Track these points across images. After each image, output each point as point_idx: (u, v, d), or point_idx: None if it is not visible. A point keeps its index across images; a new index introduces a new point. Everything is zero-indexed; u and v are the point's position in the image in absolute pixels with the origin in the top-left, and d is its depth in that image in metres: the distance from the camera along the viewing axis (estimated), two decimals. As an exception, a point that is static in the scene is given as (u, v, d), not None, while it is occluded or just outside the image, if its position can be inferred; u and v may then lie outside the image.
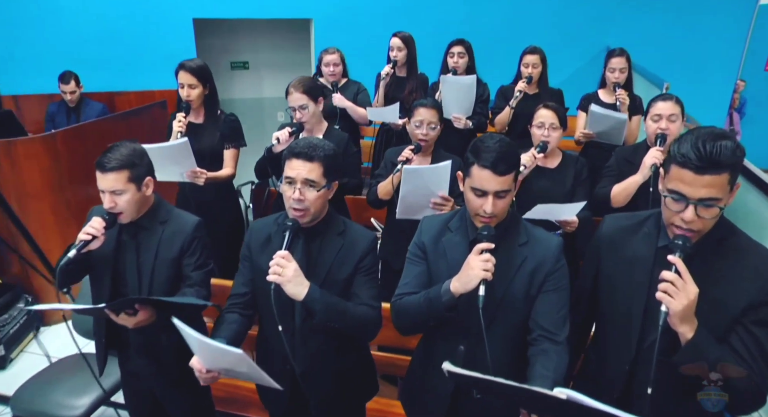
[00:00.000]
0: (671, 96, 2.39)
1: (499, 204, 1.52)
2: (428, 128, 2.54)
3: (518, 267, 1.57)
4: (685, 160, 1.27)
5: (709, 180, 1.25)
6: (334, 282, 1.74)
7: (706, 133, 1.28)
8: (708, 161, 1.24)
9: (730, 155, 1.25)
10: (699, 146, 1.25)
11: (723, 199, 1.28)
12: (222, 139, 2.85)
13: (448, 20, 5.35)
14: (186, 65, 2.73)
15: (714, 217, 1.30)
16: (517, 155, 1.54)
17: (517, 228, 1.62)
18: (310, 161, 1.65)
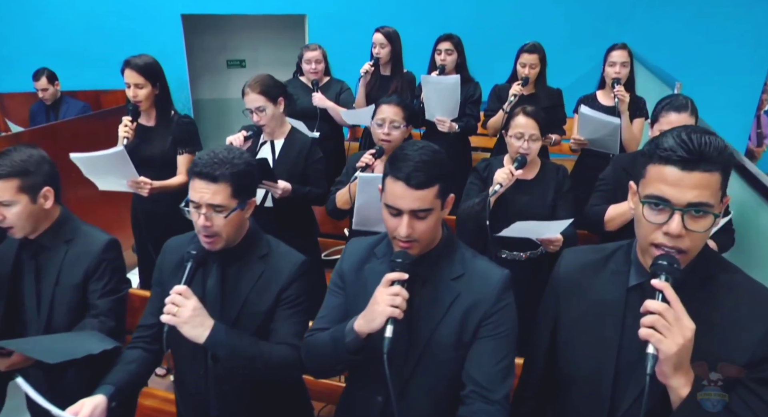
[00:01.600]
0: (686, 104, 2.03)
1: (419, 226, 1.23)
2: (391, 127, 2.26)
3: (449, 306, 1.28)
4: (669, 154, 0.99)
5: (699, 178, 0.98)
6: (252, 315, 1.48)
7: (691, 128, 1.03)
8: (698, 154, 0.98)
9: (721, 152, 0.99)
10: (685, 138, 0.99)
11: (715, 207, 1.00)
12: (174, 144, 2.62)
13: (450, 16, 5.05)
14: (131, 62, 2.51)
15: (706, 230, 1.01)
16: (443, 166, 1.25)
17: (450, 257, 1.33)
18: (214, 182, 1.40)
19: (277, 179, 2.34)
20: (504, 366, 1.26)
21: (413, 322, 1.29)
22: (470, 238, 2.24)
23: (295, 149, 2.47)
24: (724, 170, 1.01)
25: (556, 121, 3.16)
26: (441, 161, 1.25)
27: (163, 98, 2.62)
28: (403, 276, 1.21)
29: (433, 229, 1.26)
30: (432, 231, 1.26)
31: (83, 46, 4.69)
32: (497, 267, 1.35)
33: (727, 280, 1.10)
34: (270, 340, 1.48)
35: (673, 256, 1.03)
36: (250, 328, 1.48)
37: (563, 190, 2.25)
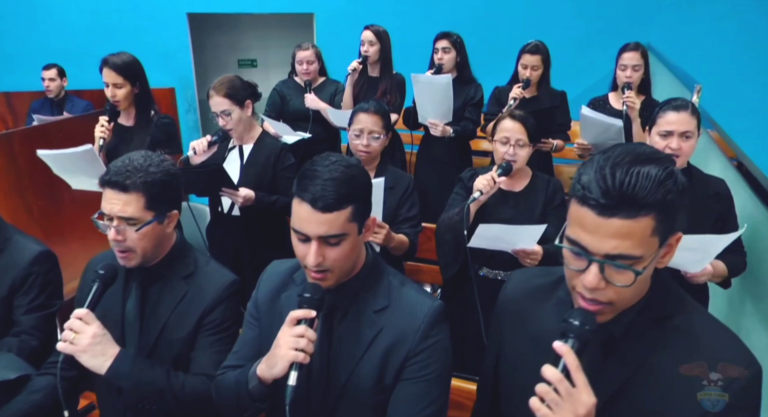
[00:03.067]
0: (686, 104, 1.81)
1: (331, 254, 1.07)
2: (370, 138, 2.08)
3: (369, 343, 1.12)
4: (584, 194, 0.82)
5: (619, 227, 0.80)
6: (171, 342, 1.34)
7: (623, 153, 0.83)
8: (618, 197, 0.79)
9: (654, 188, 0.80)
10: (606, 173, 0.80)
11: (644, 258, 0.83)
12: (153, 145, 2.51)
13: (461, 14, 4.83)
14: (109, 61, 2.42)
15: (631, 285, 0.83)
16: (359, 184, 1.08)
17: (375, 286, 1.16)
18: (124, 192, 1.27)
19: (238, 187, 2.21)
20: (430, 413, 1.09)
21: (332, 360, 1.13)
22: (449, 251, 2.06)
23: (264, 155, 2.34)
24: (662, 211, 0.81)
25: (559, 125, 2.93)
26: (355, 178, 1.08)
27: (143, 98, 2.53)
28: (310, 314, 1.05)
29: (347, 257, 1.09)
30: (346, 259, 1.09)
31: (88, 46, 4.67)
32: (429, 298, 1.17)
33: (685, 322, 0.91)
34: (190, 369, 1.33)
35: (588, 314, 0.87)
36: (168, 356, 1.34)
37: (554, 205, 2.04)
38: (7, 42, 4.57)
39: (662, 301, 0.93)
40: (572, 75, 4.47)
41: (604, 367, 0.92)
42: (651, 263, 0.83)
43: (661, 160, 0.82)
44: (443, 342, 1.13)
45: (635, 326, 0.91)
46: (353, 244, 1.09)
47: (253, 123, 2.39)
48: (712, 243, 1.64)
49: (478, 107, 3.07)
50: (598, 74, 4.87)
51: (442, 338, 1.13)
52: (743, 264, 1.87)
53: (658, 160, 0.82)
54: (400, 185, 2.11)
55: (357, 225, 1.09)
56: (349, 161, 1.11)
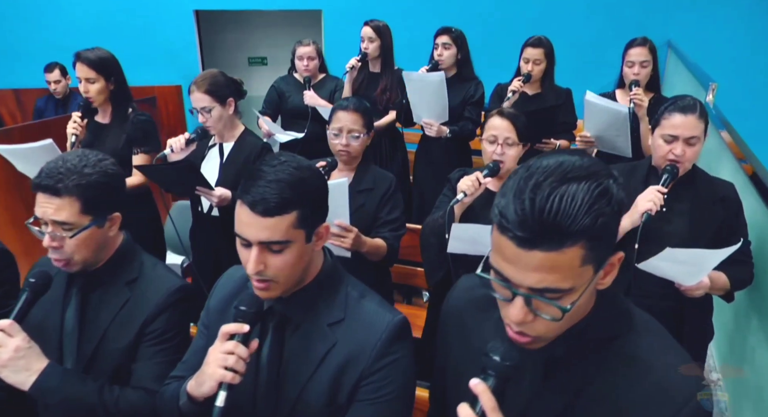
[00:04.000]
0: (693, 105, 1.65)
1: (274, 262, 0.98)
2: (350, 138, 1.97)
3: (322, 358, 1.03)
4: (501, 222, 0.70)
5: (541, 260, 0.69)
6: (110, 352, 1.26)
7: (547, 171, 0.71)
8: (538, 230, 0.68)
9: (582, 215, 0.67)
10: (525, 198, 0.69)
11: (575, 289, 0.72)
12: (129, 143, 2.45)
13: (470, 10, 4.70)
14: (81, 56, 2.36)
15: (558, 318, 0.73)
16: (309, 186, 1.00)
17: (331, 297, 1.07)
18: (56, 196, 1.19)
19: (217, 186, 2.14)
20: None
21: (282, 375, 1.05)
22: (433, 255, 1.95)
23: (244, 153, 2.26)
24: (593, 238, 0.69)
25: (564, 124, 2.78)
26: (304, 181, 0.99)
27: (119, 94, 2.46)
28: (243, 329, 0.97)
29: (292, 266, 1.00)
30: (291, 268, 1.00)
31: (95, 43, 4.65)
32: (390, 312, 1.07)
33: (631, 344, 0.81)
34: (130, 382, 1.25)
35: (510, 348, 0.77)
36: (108, 367, 1.26)
37: None
38: (15, 39, 4.61)
39: (608, 319, 0.82)
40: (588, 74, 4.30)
41: (544, 390, 0.83)
42: (585, 292, 0.73)
43: (593, 176, 0.70)
44: (403, 361, 1.03)
45: (578, 347, 0.81)
46: (299, 252, 1.00)
47: (235, 121, 2.30)
48: (705, 257, 1.50)
49: (478, 106, 2.94)
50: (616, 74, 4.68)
51: (402, 357, 1.03)
52: (750, 276, 1.71)
53: (589, 176, 0.70)
54: (381, 186, 2.00)
55: (304, 232, 1.00)
56: (300, 162, 1.02)
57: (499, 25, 4.63)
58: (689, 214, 1.68)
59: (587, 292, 0.73)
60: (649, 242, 1.68)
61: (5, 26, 4.62)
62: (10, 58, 4.63)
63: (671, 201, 1.70)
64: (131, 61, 4.85)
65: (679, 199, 1.71)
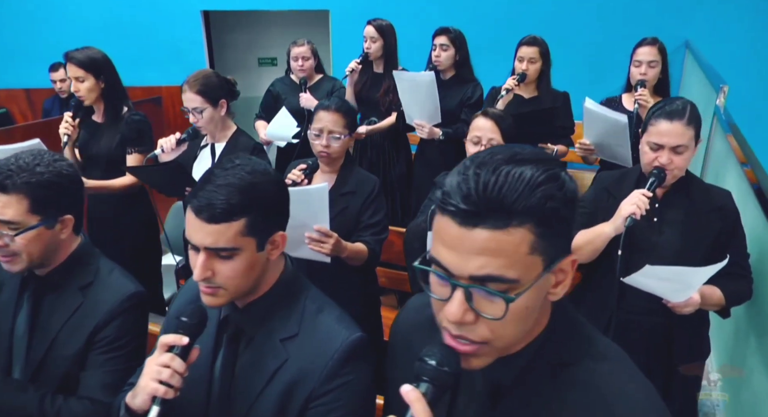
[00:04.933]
0: (681, 110, 1.54)
1: (222, 269, 0.94)
2: (330, 139, 1.92)
3: (272, 374, 0.98)
4: (443, 200, 0.64)
5: (486, 240, 0.62)
6: (59, 359, 1.23)
7: (495, 152, 0.66)
8: (482, 202, 0.61)
9: (527, 192, 0.62)
10: (470, 174, 0.63)
11: (521, 282, 0.63)
12: (123, 142, 2.44)
13: (486, 11, 4.60)
14: (70, 55, 2.36)
15: (503, 317, 0.63)
16: (262, 192, 0.96)
17: (288, 310, 1.03)
18: (4, 193, 1.16)
19: None
20: None
21: (233, 389, 1.00)
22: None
23: (235, 154, 2.22)
24: (543, 223, 0.62)
25: (561, 128, 2.68)
26: (256, 186, 0.95)
27: (113, 93, 2.45)
28: (181, 341, 0.92)
29: (242, 274, 0.95)
30: (241, 277, 0.96)
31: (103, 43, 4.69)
32: (348, 329, 1.01)
33: (587, 372, 0.72)
34: (78, 391, 1.21)
35: (449, 352, 0.68)
36: (56, 374, 1.22)
37: None
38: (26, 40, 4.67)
39: (562, 343, 0.73)
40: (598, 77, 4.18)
41: None
42: (532, 291, 0.64)
43: (543, 162, 0.64)
44: (357, 383, 0.97)
45: (528, 374, 0.73)
46: (250, 261, 0.96)
47: (227, 121, 2.28)
48: (688, 275, 1.40)
49: (474, 108, 2.84)
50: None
51: (357, 378, 0.97)
52: (748, 291, 1.60)
53: (540, 161, 0.64)
54: (364, 189, 1.94)
55: (255, 240, 0.95)
56: (256, 166, 0.98)
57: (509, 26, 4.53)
58: (682, 224, 1.58)
59: (533, 294, 0.65)
60: (638, 254, 1.58)
61: (16, 27, 4.69)
62: (22, 58, 4.70)
63: (663, 210, 1.61)
64: (138, 61, 4.94)
65: (671, 209, 1.61)
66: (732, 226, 1.58)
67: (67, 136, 2.36)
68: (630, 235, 1.57)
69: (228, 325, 1.02)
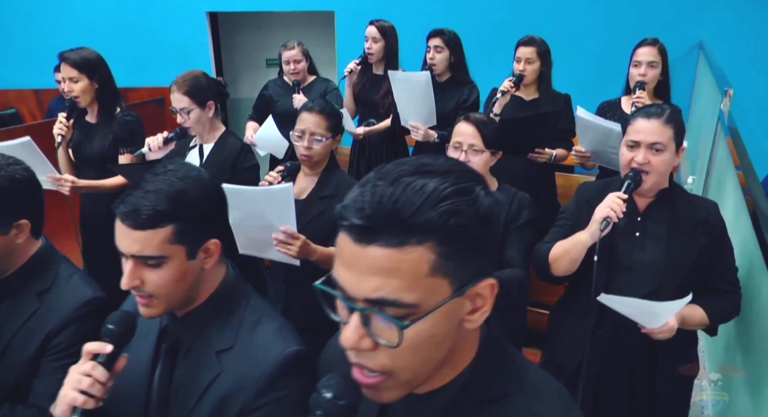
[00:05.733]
0: (661, 111, 1.50)
1: (151, 277, 0.93)
2: (312, 141, 1.89)
3: (205, 388, 0.95)
4: (341, 215, 0.59)
5: (380, 258, 0.57)
6: (11, 365, 1.20)
7: (402, 163, 0.61)
8: (376, 216, 0.56)
9: (428, 206, 0.56)
10: (367, 187, 0.58)
11: (420, 307, 0.57)
12: (115, 143, 2.45)
13: (493, 13, 4.53)
14: (64, 56, 2.38)
15: (397, 346, 0.57)
16: (192, 199, 0.93)
17: (226, 321, 1.00)
18: None
19: None
20: None
21: (170, 402, 0.98)
22: None
23: (223, 155, 2.23)
24: (447, 241, 0.56)
25: (562, 132, 2.61)
26: (186, 193, 0.93)
27: (106, 93, 2.47)
28: (104, 349, 0.90)
29: (173, 283, 0.93)
30: (172, 286, 0.94)
31: (110, 44, 4.75)
32: (284, 342, 0.97)
33: (520, 409, 0.66)
34: (28, 399, 1.20)
35: (348, 383, 0.64)
36: (8, 381, 1.20)
37: (517, 223, 1.76)
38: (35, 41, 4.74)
39: (491, 377, 0.67)
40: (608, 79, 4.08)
41: None
42: (436, 318, 0.58)
43: (455, 174, 0.59)
44: (290, 398, 0.93)
45: (453, 411, 0.67)
46: (180, 269, 0.94)
47: (216, 123, 2.28)
48: (655, 308, 1.35)
49: (471, 110, 2.78)
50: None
51: (290, 394, 0.93)
52: (735, 308, 1.52)
53: (450, 173, 0.59)
54: (343, 193, 1.89)
55: (184, 248, 0.93)
56: (189, 173, 0.96)
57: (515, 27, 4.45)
58: (666, 239, 1.51)
59: (442, 320, 0.59)
60: (620, 271, 1.52)
61: (25, 29, 4.77)
62: (31, 59, 4.77)
63: (645, 224, 1.54)
64: (145, 62, 4.99)
65: (654, 222, 1.54)
66: (718, 241, 1.51)
67: (60, 137, 2.39)
68: (612, 250, 1.52)
69: (167, 336, 1.00)
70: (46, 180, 2.27)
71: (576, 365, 1.59)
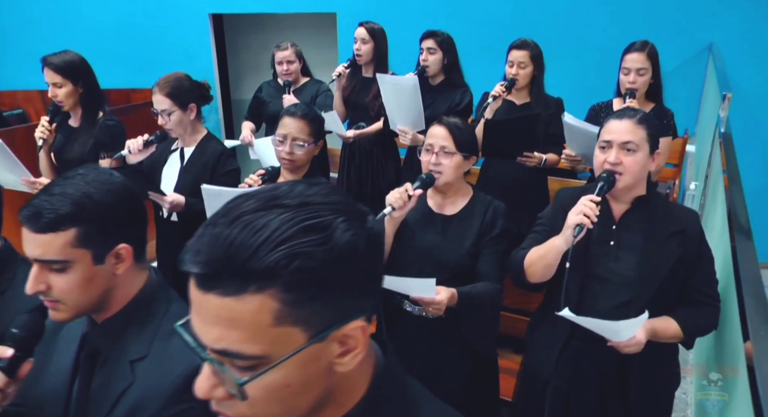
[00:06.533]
0: (633, 113, 1.50)
1: (57, 282, 0.92)
2: (294, 146, 1.88)
3: (117, 398, 0.94)
4: (181, 262, 0.54)
5: (218, 308, 0.52)
6: None
7: (259, 197, 0.55)
8: (210, 262, 0.51)
9: (270, 248, 0.50)
10: (205, 233, 0.53)
11: (270, 358, 0.52)
12: (96, 147, 2.44)
13: (494, 16, 4.47)
14: (47, 61, 2.38)
15: (247, 399, 0.54)
16: (97, 204, 0.91)
17: (142, 329, 0.97)
18: None
19: (175, 190, 2.15)
20: None
21: (86, 413, 0.97)
22: None
23: (203, 159, 2.23)
24: (292, 286, 0.51)
25: (553, 136, 2.56)
26: (90, 196, 0.91)
27: (90, 98, 2.45)
28: (5, 353, 0.90)
29: (79, 289, 0.92)
30: (79, 291, 0.92)
31: (114, 46, 4.83)
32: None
33: None
34: None
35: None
36: None
37: (492, 234, 1.73)
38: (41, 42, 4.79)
39: (381, 414, 0.62)
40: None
41: None
42: (290, 367, 0.53)
43: (309, 207, 0.53)
44: (198, 410, 0.90)
45: None
46: (87, 274, 0.92)
47: (197, 126, 2.28)
48: (614, 327, 1.31)
49: (462, 114, 2.75)
50: None
51: (198, 405, 0.90)
52: (713, 321, 1.47)
53: (303, 205, 0.52)
54: None
55: (90, 252, 0.92)
56: (99, 176, 0.94)
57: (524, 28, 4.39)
58: (640, 250, 1.47)
59: (298, 369, 0.54)
60: (593, 282, 1.48)
61: (32, 30, 4.84)
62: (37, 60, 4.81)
63: (620, 233, 1.50)
64: (148, 63, 5.01)
65: (629, 232, 1.49)
66: (694, 252, 1.46)
67: (42, 140, 2.37)
68: (586, 259, 1.48)
69: (86, 343, 0.99)
70: (21, 183, 2.28)
71: (548, 374, 1.56)
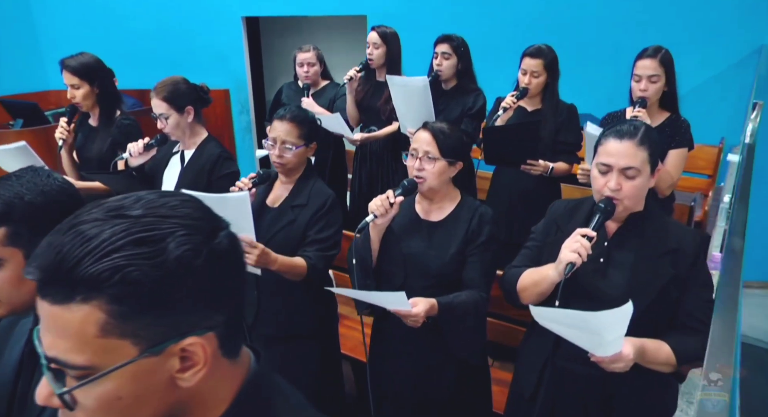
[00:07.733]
0: (635, 130, 1.36)
1: None
2: (283, 149, 1.88)
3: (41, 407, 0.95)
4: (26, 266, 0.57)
5: (47, 316, 0.55)
6: None
7: (110, 205, 0.56)
8: (41, 268, 0.53)
9: (96, 258, 0.51)
10: (47, 240, 0.56)
11: (99, 367, 0.54)
12: (113, 146, 2.53)
13: (525, 18, 4.34)
14: (65, 63, 2.46)
15: (76, 410, 0.55)
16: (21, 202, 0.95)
17: None
18: None
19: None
20: None
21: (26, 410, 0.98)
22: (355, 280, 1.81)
23: (200, 162, 2.25)
24: (120, 298, 0.51)
25: (564, 144, 2.46)
26: (20, 197, 0.95)
27: (107, 97, 2.54)
28: None
29: (10, 286, 0.96)
30: (10, 288, 0.96)
31: (148, 48, 4.98)
32: None
33: None
34: None
35: None
36: None
37: (478, 241, 1.67)
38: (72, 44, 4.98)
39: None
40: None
41: None
42: (120, 379, 0.53)
43: (146, 219, 0.53)
44: None
45: None
46: (18, 272, 0.94)
47: (197, 128, 2.30)
48: (587, 321, 1.20)
49: (475, 118, 2.70)
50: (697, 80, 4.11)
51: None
52: (702, 350, 1.35)
53: (142, 218, 0.53)
54: (314, 203, 1.89)
55: (21, 251, 0.94)
56: (34, 178, 0.98)
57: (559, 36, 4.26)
58: (631, 269, 1.37)
59: (129, 382, 0.53)
60: (578, 300, 1.39)
61: (63, 31, 5.04)
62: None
63: (612, 250, 1.41)
64: (183, 64, 5.12)
65: (621, 249, 1.40)
66: (687, 273, 1.35)
67: (62, 141, 2.48)
68: (574, 276, 1.39)
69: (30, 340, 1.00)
70: None
71: (530, 392, 1.49)
